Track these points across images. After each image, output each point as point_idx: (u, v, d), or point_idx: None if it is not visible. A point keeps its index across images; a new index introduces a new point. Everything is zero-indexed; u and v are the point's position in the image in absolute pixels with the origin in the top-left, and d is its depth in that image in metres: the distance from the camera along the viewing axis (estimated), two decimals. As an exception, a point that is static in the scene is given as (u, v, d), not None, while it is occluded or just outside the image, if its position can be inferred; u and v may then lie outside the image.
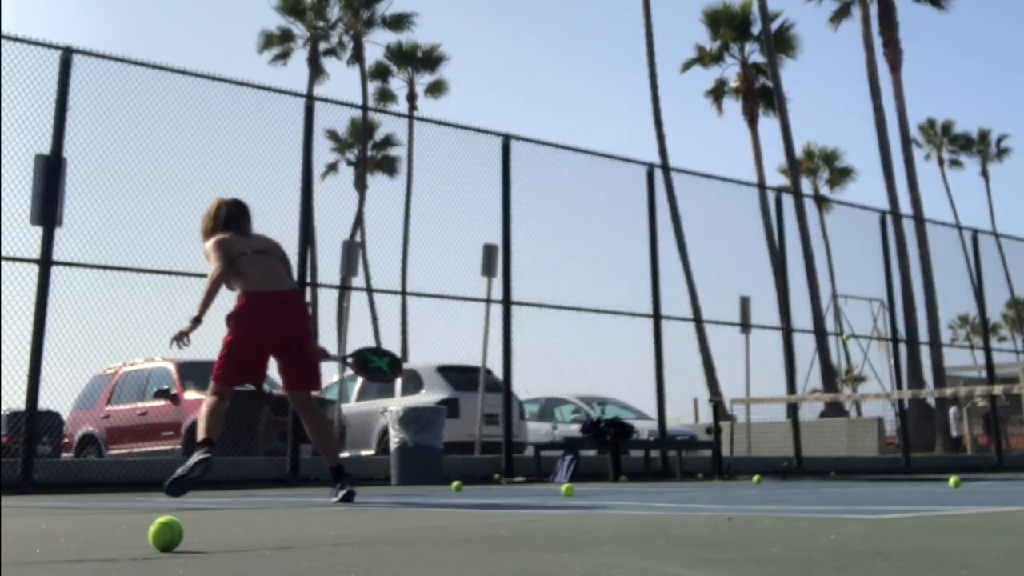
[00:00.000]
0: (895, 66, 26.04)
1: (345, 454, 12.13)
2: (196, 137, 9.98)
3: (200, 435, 5.48)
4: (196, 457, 5.33)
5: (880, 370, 18.58)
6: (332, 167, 34.33)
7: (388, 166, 34.36)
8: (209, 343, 5.64)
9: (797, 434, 14.25)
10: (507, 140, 11.76)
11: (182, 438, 11.69)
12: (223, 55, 79.05)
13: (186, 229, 9.71)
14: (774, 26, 28.81)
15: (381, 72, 34.90)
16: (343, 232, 23.56)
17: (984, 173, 46.31)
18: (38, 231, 8.50)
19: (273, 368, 6.02)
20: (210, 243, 5.73)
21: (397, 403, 12.23)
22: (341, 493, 5.51)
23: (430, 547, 2.66)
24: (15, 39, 8.68)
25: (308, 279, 10.82)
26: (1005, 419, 20.75)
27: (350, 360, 6.46)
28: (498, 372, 11.72)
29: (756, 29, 30.10)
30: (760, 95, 30.81)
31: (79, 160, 8.87)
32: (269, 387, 12.02)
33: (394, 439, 10.23)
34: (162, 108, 9.77)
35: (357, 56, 33.64)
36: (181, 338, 5.58)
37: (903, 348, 17.26)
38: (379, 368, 6.41)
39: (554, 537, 2.96)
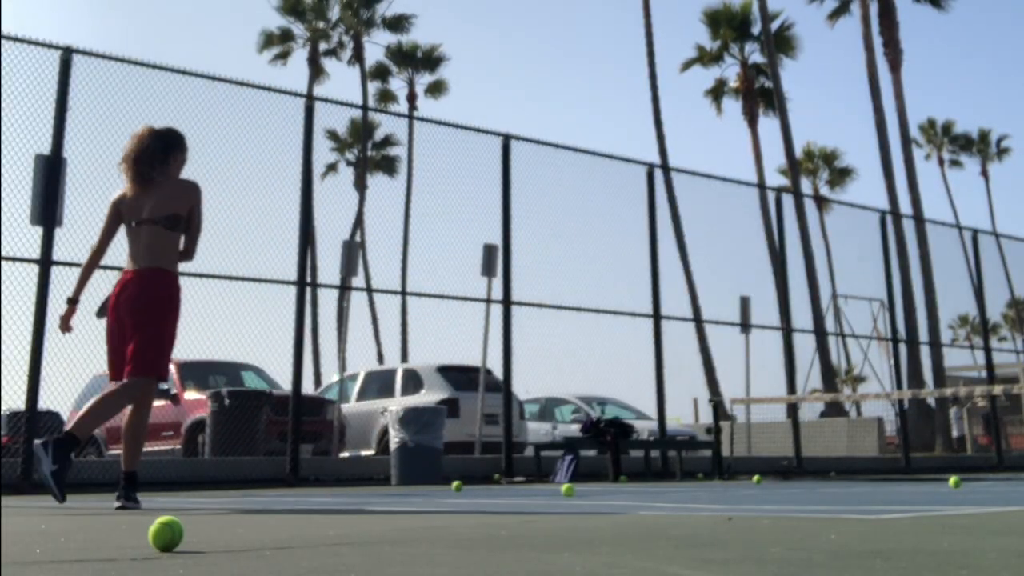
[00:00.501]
0: (895, 66, 26.03)
1: (345, 454, 12.15)
2: (196, 137, 9.91)
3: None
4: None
5: (880, 370, 18.58)
6: (332, 167, 34.33)
7: (388, 166, 34.36)
8: (209, 343, 5.51)
9: (797, 434, 14.25)
10: (507, 140, 11.76)
11: (182, 438, 11.69)
12: (223, 55, 79.06)
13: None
14: (774, 26, 28.81)
15: (381, 72, 34.91)
16: (343, 232, 23.57)
17: (984, 173, 46.32)
18: (38, 231, 8.50)
19: (274, 367, 5.85)
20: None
21: (397, 403, 12.23)
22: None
23: (430, 547, 2.66)
24: (15, 39, 8.68)
25: (308, 279, 10.82)
26: (1005, 419, 20.74)
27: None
28: (498, 372, 11.72)
29: (756, 29, 30.10)
30: (760, 95, 30.82)
31: (79, 160, 8.88)
32: (269, 387, 12.06)
33: (394, 439, 10.23)
34: (162, 108, 9.76)
35: (357, 56, 33.65)
36: None
37: (903, 348, 17.26)
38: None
39: (554, 537, 2.96)
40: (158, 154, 5.23)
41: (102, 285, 8.90)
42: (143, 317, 5.04)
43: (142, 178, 5.20)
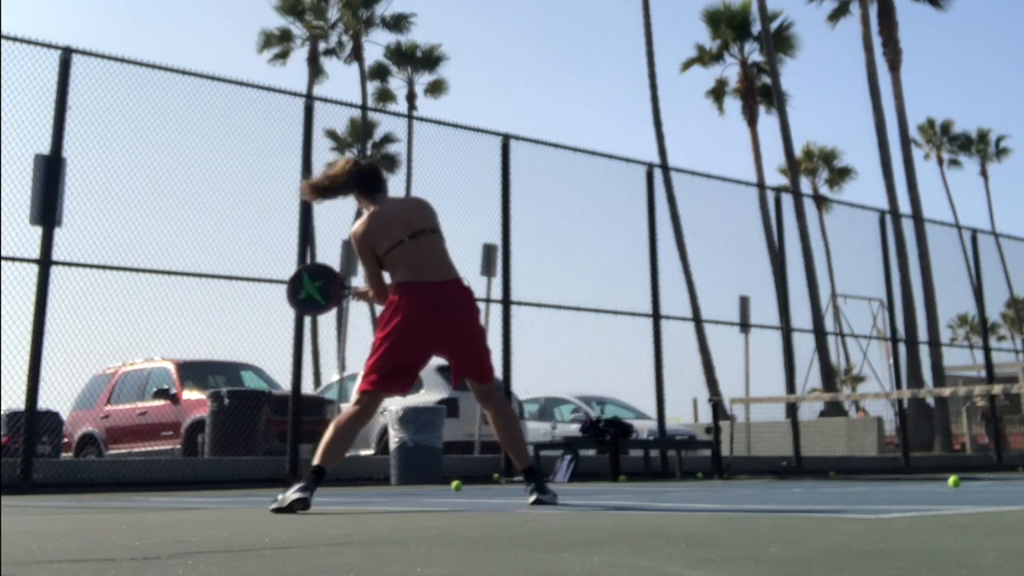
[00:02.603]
0: (894, 66, 26.03)
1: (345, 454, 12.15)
2: (196, 137, 9.99)
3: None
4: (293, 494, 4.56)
5: (879, 370, 18.59)
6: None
7: (388, 166, 34.34)
8: (209, 343, 5.38)
9: (796, 434, 14.26)
10: (506, 140, 11.76)
11: (181, 438, 11.70)
12: (223, 55, 79.04)
13: (186, 229, 9.73)
14: (774, 26, 28.82)
15: (380, 72, 34.90)
16: (343, 232, 23.54)
17: (983, 173, 46.32)
18: (38, 231, 8.51)
19: (274, 367, 5.78)
20: None
21: (396, 403, 12.23)
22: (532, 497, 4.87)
23: (430, 547, 2.66)
24: (15, 39, 8.68)
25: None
26: (1004, 419, 20.75)
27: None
28: (498, 372, 11.72)
29: (756, 29, 30.10)
30: (760, 95, 30.82)
31: (79, 160, 8.89)
32: (268, 387, 12.06)
33: (394, 439, 10.23)
34: (162, 108, 9.77)
35: (356, 56, 33.64)
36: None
37: (902, 348, 17.27)
38: (310, 299, 5.19)
39: (554, 537, 2.96)
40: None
41: (102, 285, 8.92)
42: (476, 328, 4.95)
43: (384, 187, 5.05)
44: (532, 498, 4.83)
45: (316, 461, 4.69)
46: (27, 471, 8.21)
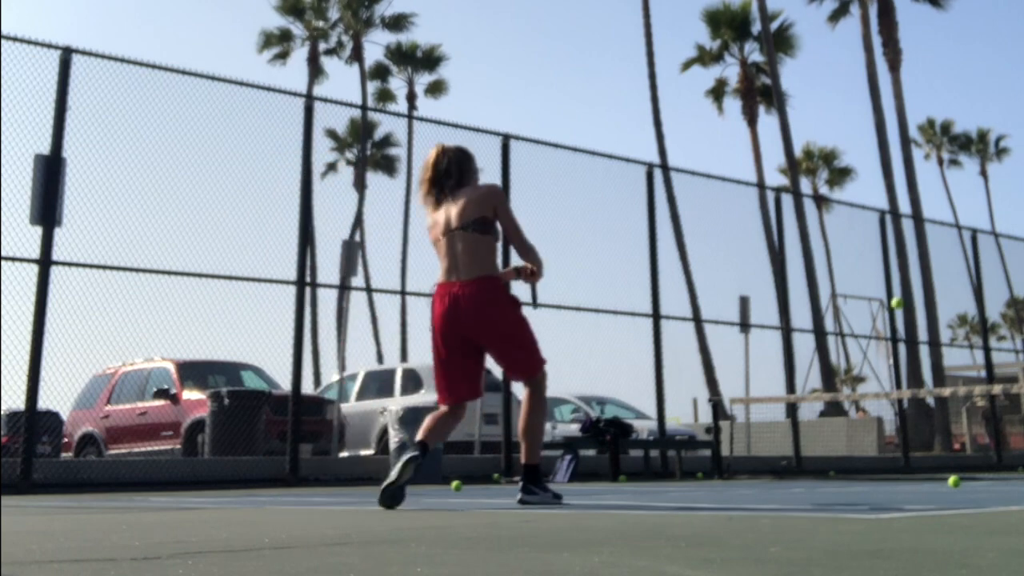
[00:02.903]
0: (894, 66, 26.04)
1: (345, 454, 12.15)
2: (196, 137, 9.99)
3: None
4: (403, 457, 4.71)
5: (879, 370, 18.59)
6: (332, 167, 34.33)
7: (388, 165, 34.37)
8: (209, 343, 5.34)
9: (796, 434, 14.26)
10: (506, 140, 11.76)
11: (181, 438, 11.69)
12: (223, 55, 79.03)
13: (186, 229, 9.74)
14: (774, 26, 28.82)
15: (381, 72, 34.91)
16: (343, 232, 23.53)
17: (983, 173, 46.33)
18: (38, 231, 8.51)
19: (274, 367, 5.77)
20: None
21: (397, 403, 12.23)
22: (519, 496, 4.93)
23: (430, 547, 2.66)
24: (15, 39, 8.68)
25: (308, 279, 10.81)
26: (1004, 419, 20.75)
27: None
28: (497, 372, 11.71)
29: (756, 29, 30.10)
30: (760, 95, 30.82)
31: (79, 160, 8.89)
32: (268, 387, 12.06)
33: (394, 439, 10.23)
34: (162, 108, 9.77)
35: (357, 56, 33.64)
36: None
37: (902, 348, 17.27)
38: None
39: (554, 537, 2.96)
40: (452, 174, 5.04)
41: (102, 285, 8.92)
42: (500, 329, 4.94)
43: (441, 192, 5.02)
44: (517, 497, 4.90)
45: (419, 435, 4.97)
46: (27, 471, 8.21)
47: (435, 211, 5.03)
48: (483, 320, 4.86)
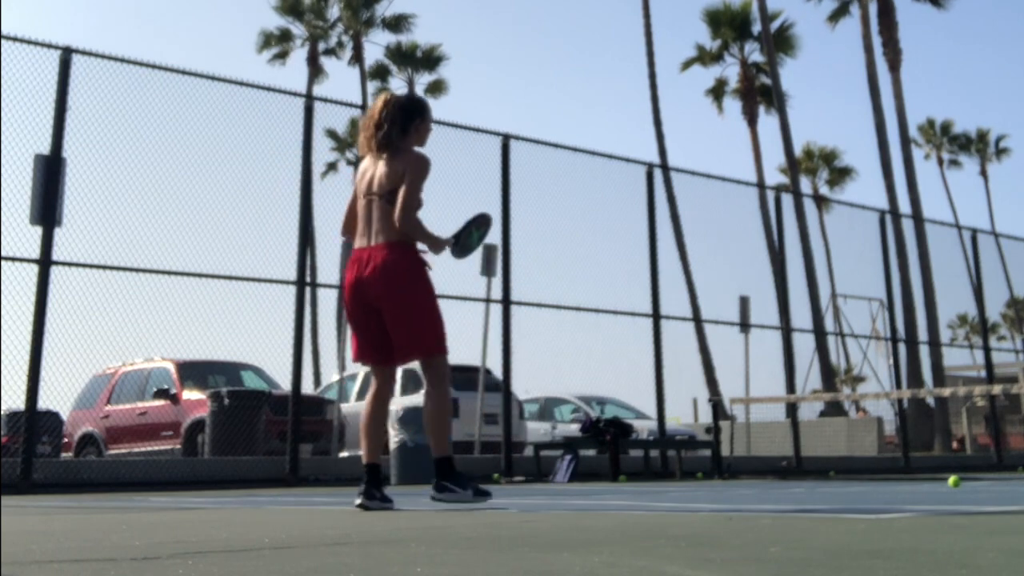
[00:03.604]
0: (894, 66, 26.04)
1: (345, 454, 12.15)
2: (196, 137, 9.99)
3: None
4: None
5: (879, 370, 18.59)
6: (332, 166, 34.29)
7: (387, 166, 34.33)
8: (209, 343, 5.19)
9: (796, 434, 14.26)
10: (507, 140, 11.76)
11: (181, 438, 11.70)
12: (223, 55, 79.04)
13: (186, 229, 9.73)
14: (774, 26, 28.82)
15: (381, 72, 34.89)
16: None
17: (983, 173, 46.35)
18: (38, 231, 8.51)
19: (274, 367, 5.64)
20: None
21: (397, 403, 12.22)
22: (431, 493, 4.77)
23: (430, 547, 2.66)
24: (15, 39, 8.68)
25: (308, 279, 10.81)
26: (1004, 419, 20.76)
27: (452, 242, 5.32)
28: (497, 372, 11.72)
29: (756, 29, 30.11)
30: (760, 94, 30.82)
31: (79, 160, 8.89)
32: (268, 387, 12.06)
33: (394, 439, 10.23)
34: (162, 108, 9.77)
35: (356, 56, 33.64)
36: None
37: (902, 348, 17.27)
38: (470, 244, 5.14)
39: (554, 537, 2.96)
40: (396, 123, 4.83)
41: (102, 285, 8.92)
42: (399, 298, 4.63)
43: (377, 146, 4.81)
44: (430, 494, 4.74)
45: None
46: (27, 471, 8.21)
47: (366, 163, 4.89)
48: (385, 287, 4.61)
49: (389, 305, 4.62)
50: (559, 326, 12.19)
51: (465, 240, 5.12)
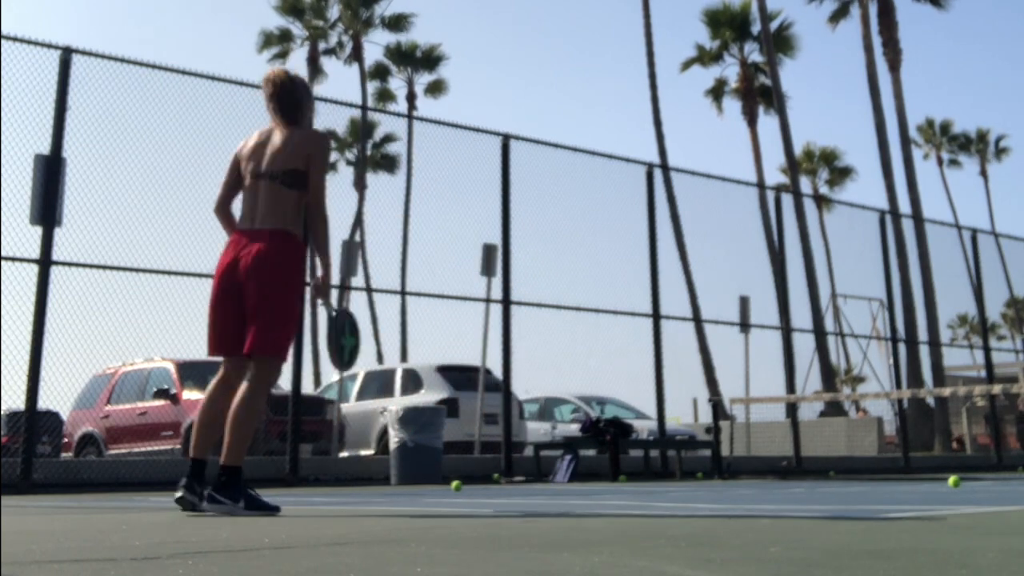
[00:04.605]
0: (894, 66, 26.03)
1: (344, 454, 12.15)
2: (196, 137, 9.98)
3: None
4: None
5: (879, 370, 18.59)
6: (332, 166, 34.30)
7: (388, 165, 34.35)
8: (204, 342, 5.06)
9: (796, 434, 14.26)
10: (506, 140, 11.76)
11: (181, 438, 11.69)
12: (223, 55, 79.05)
13: (186, 229, 9.73)
14: (773, 26, 28.81)
15: (380, 72, 34.88)
16: (342, 232, 23.60)
17: (983, 173, 46.32)
18: (38, 231, 8.51)
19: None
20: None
21: (396, 403, 12.23)
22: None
23: (430, 547, 2.66)
24: (15, 39, 8.68)
25: (307, 279, 10.81)
26: (1004, 419, 20.75)
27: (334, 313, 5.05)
28: (497, 372, 11.72)
29: (756, 29, 30.10)
30: (760, 95, 30.82)
31: (79, 160, 8.89)
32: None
33: (394, 439, 10.23)
34: (162, 108, 9.77)
35: (356, 56, 33.63)
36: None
37: (902, 348, 17.27)
38: (342, 352, 5.01)
39: (554, 537, 2.96)
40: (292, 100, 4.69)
41: (102, 285, 8.93)
42: (267, 289, 4.41)
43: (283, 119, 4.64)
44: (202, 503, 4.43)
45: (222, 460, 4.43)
46: (27, 471, 8.21)
47: (260, 136, 4.69)
48: (258, 279, 4.39)
49: (257, 297, 4.39)
50: (559, 326, 12.20)
51: (337, 342, 4.98)
